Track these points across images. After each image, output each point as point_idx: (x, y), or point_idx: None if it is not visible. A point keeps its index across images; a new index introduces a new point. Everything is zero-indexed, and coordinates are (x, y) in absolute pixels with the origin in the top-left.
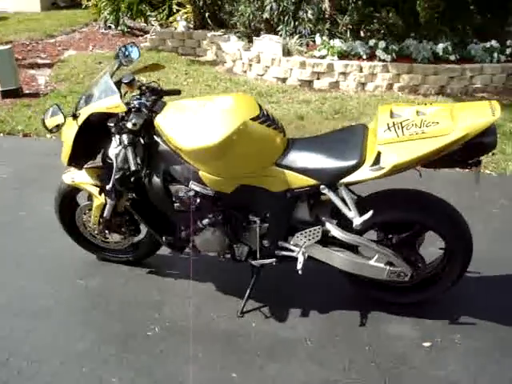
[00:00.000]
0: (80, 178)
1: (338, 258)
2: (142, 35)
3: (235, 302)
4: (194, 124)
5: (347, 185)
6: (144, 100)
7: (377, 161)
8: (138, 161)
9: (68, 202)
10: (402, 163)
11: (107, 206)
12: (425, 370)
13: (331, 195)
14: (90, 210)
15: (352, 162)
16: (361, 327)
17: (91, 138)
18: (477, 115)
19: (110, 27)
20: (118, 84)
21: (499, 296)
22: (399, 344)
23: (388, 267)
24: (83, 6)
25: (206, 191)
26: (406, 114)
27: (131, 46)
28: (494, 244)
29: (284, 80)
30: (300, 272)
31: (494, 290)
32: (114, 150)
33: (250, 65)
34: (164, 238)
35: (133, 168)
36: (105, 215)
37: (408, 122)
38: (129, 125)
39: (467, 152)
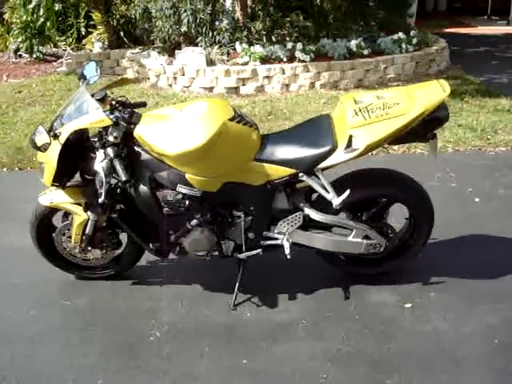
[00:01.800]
0: (59, 198)
1: (318, 240)
2: (55, 60)
3: (224, 296)
4: (175, 130)
5: (323, 169)
6: (120, 113)
7: (349, 144)
8: None
9: (45, 226)
10: (374, 143)
11: (89, 221)
12: (413, 328)
13: (309, 181)
14: (69, 229)
15: (326, 148)
16: (346, 300)
17: (71, 156)
18: (430, 93)
19: (20, 56)
20: None
21: (458, 256)
22: (384, 309)
23: (365, 241)
24: None
25: (194, 192)
26: (368, 100)
27: (90, 64)
28: (438, 212)
29: (211, 89)
30: (289, 257)
31: (451, 251)
32: (99, 164)
33: (175, 78)
34: (151, 245)
35: (124, 178)
36: (87, 231)
37: (372, 106)
38: (110, 138)
39: (426, 127)
